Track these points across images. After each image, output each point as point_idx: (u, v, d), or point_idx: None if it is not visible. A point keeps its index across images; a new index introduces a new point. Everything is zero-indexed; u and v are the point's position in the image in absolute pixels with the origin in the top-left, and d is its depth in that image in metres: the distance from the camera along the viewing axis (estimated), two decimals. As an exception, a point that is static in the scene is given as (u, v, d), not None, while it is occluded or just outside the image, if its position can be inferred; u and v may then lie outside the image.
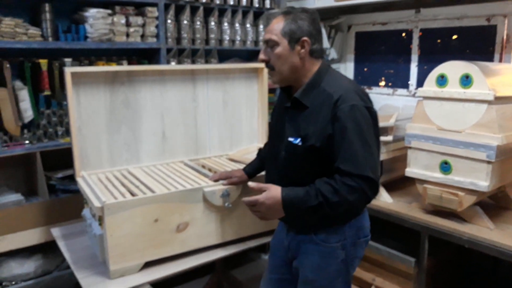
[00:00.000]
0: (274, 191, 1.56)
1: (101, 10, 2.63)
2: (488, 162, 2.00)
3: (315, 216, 1.53)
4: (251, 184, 1.63)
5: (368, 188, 1.48)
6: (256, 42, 3.59)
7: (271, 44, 1.59)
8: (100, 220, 1.83)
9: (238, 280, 3.01)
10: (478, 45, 2.92)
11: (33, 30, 2.45)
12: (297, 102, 1.61)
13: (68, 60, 2.62)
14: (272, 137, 1.79)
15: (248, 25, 3.48)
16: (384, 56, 3.51)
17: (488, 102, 2.00)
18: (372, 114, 1.57)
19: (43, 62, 2.54)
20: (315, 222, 1.62)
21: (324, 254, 1.64)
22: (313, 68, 1.63)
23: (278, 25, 1.58)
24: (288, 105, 1.66)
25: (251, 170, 2.05)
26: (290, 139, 1.61)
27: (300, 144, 1.58)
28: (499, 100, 2.04)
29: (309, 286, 1.70)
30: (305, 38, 1.58)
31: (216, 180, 2.04)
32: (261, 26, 3.58)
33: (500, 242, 1.97)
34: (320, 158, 1.56)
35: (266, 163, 1.86)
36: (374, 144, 1.55)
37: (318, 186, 1.51)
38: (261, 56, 1.64)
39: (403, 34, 3.34)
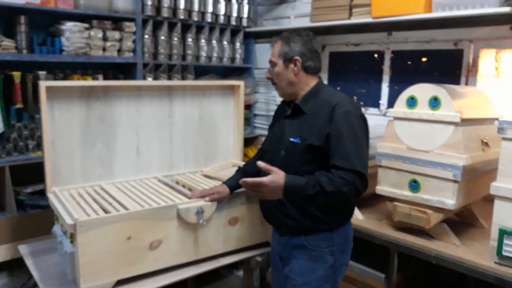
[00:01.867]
0: (278, 176, 1.69)
1: (78, 23, 2.63)
2: (455, 181, 2.08)
3: (310, 202, 1.72)
4: (260, 163, 1.73)
5: (359, 181, 1.67)
6: (232, 59, 3.64)
7: (272, 64, 1.88)
8: (72, 238, 1.80)
9: (210, 297, 2.99)
10: (446, 68, 3.04)
11: (7, 42, 2.43)
12: (298, 108, 1.84)
13: (42, 73, 2.59)
14: (271, 144, 1.97)
15: (225, 42, 3.53)
16: (357, 76, 3.60)
17: (455, 124, 2.09)
18: (364, 121, 1.79)
19: (17, 75, 2.51)
20: (301, 227, 1.79)
21: (314, 258, 1.80)
22: (310, 83, 1.86)
23: (276, 48, 1.86)
24: (288, 114, 1.88)
25: (234, 184, 2.09)
26: (291, 139, 1.81)
27: (299, 142, 1.78)
28: (465, 122, 2.13)
29: None
30: (296, 57, 1.81)
31: (197, 197, 2.05)
32: (237, 44, 3.63)
33: (465, 258, 2.03)
34: (317, 156, 1.75)
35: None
36: (365, 146, 1.76)
37: (317, 177, 1.67)
38: (266, 74, 1.94)
39: (375, 55, 3.45)
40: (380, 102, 3.43)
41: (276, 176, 1.67)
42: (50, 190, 2.12)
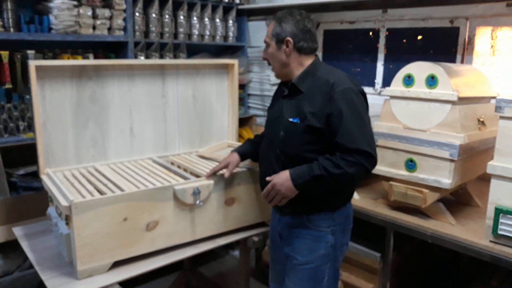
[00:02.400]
0: (282, 173, 1.75)
1: (67, 1, 2.55)
2: (451, 161, 2.08)
3: (321, 185, 1.70)
4: (268, 178, 1.79)
5: (365, 160, 1.65)
6: (225, 37, 3.57)
7: (266, 44, 1.85)
8: (67, 219, 1.77)
9: (206, 278, 3.00)
10: (441, 46, 3.02)
11: (-7, 20, 2.35)
12: (294, 88, 1.80)
13: (31, 52, 2.52)
14: (270, 125, 1.93)
15: (217, 20, 3.46)
16: (351, 55, 3.56)
17: (452, 103, 2.08)
18: (364, 96, 1.77)
19: (4, 54, 2.43)
20: (304, 206, 1.79)
21: (315, 238, 1.81)
22: (305, 63, 1.82)
23: (270, 29, 1.83)
24: (285, 93, 1.84)
25: (243, 150, 2.12)
26: (290, 119, 1.78)
27: (299, 122, 1.74)
28: (462, 100, 2.12)
29: (300, 269, 1.82)
30: (288, 38, 1.77)
31: (213, 174, 2.05)
32: (230, 21, 3.56)
33: (461, 237, 2.05)
34: (318, 136, 1.72)
35: (261, 150, 1.96)
36: (369, 122, 1.73)
37: (320, 161, 1.68)
38: (262, 55, 1.90)
39: (370, 33, 3.41)
40: (375, 81, 3.41)
41: (279, 174, 1.75)
42: (44, 171, 2.09)
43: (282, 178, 1.73)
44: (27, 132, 2.56)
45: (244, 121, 3.73)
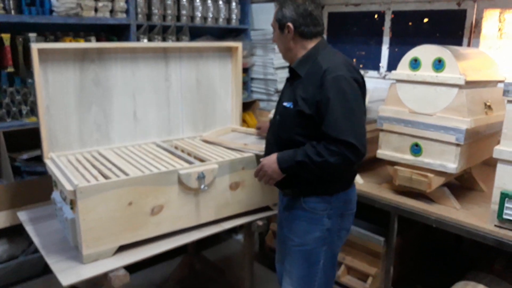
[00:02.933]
0: (272, 155, 1.79)
1: (68, -18, 2.50)
2: (457, 145, 2.07)
3: (305, 171, 1.70)
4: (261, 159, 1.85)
5: (348, 152, 1.61)
6: (228, 20, 3.53)
7: (273, 29, 1.85)
8: (72, 204, 1.77)
9: (210, 261, 3.02)
10: (448, 29, 2.97)
11: (-6, 3, 2.31)
12: (293, 72, 1.79)
13: (32, 35, 2.49)
14: (275, 108, 1.94)
15: (220, 2, 3.41)
16: (356, 38, 3.52)
17: (459, 86, 2.05)
18: (360, 85, 1.71)
19: (6, 37, 2.41)
20: (302, 189, 1.79)
21: (311, 220, 1.80)
22: (307, 46, 1.79)
23: (275, 13, 1.82)
24: (288, 77, 1.85)
25: None
26: (284, 103, 1.78)
27: (291, 107, 1.74)
28: (469, 84, 2.09)
29: (295, 250, 1.84)
30: (288, 23, 1.76)
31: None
32: (233, 3, 3.51)
33: (465, 222, 2.05)
34: (308, 122, 1.70)
35: (268, 131, 2.00)
36: (359, 112, 1.68)
37: (304, 148, 1.68)
38: (272, 39, 1.91)
39: (376, 16, 3.36)
40: (380, 64, 3.37)
41: (268, 156, 1.81)
42: (47, 156, 2.08)
43: (270, 160, 1.78)
44: (30, 116, 2.54)
45: (247, 106, 3.71)
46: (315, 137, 1.68)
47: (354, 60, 3.52)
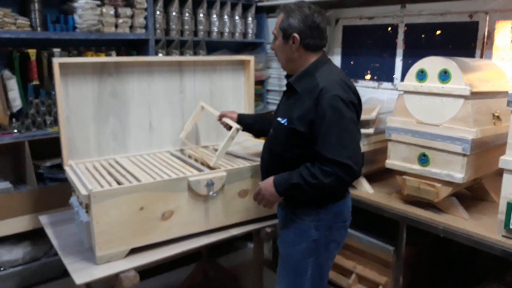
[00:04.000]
0: (269, 179, 1.80)
1: (90, 0, 2.66)
2: (464, 155, 2.08)
3: (301, 194, 1.70)
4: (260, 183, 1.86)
5: (343, 173, 1.61)
6: (244, 34, 3.63)
7: (274, 36, 1.83)
8: (87, 208, 1.88)
9: (224, 268, 3.08)
10: (460, 40, 2.98)
11: (22, 20, 2.48)
12: (291, 86, 1.79)
13: (57, 50, 2.64)
14: (273, 118, 1.96)
15: (237, 17, 3.52)
16: (370, 50, 3.56)
17: (465, 97, 2.07)
18: (355, 107, 1.71)
19: (32, 52, 2.56)
20: (293, 201, 1.80)
21: (298, 231, 1.81)
22: (309, 60, 1.78)
23: (278, 20, 1.79)
24: (285, 90, 1.86)
25: (245, 117, 2.26)
26: (279, 118, 1.79)
27: (286, 124, 1.75)
28: (475, 95, 2.10)
29: (284, 261, 1.86)
30: (294, 34, 1.73)
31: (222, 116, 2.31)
32: (249, 18, 3.62)
33: (473, 232, 2.05)
34: (301, 140, 1.71)
35: (264, 144, 2.01)
36: (355, 133, 1.68)
37: (299, 170, 1.68)
38: (271, 45, 1.88)
39: (389, 29, 3.39)
40: (394, 76, 3.40)
41: (265, 180, 1.81)
42: (67, 163, 2.20)
43: (267, 184, 1.77)
44: (53, 126, 2.69)
45: (263, 117, 3.78)
46: (306, 155, 1.69)
47: (368, 72, 3.56)
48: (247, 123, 2.24)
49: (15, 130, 2.56)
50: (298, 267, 1.82)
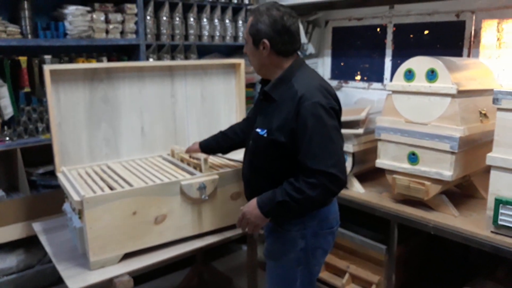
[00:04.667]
0: (251, 201, 1.72)
1: (80, 7, 2.67)
2: (452, 153, 2.11)
3: (288, 211, 1.64)
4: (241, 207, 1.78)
5: (329, 182, 1.55)
6: (235, 38, 3.65)
7: (245, 40, 1.74)
8: (80, 214, 1.89)
9: (218, 271, 3.09)
10: (448, 40, 3.03)
11: (12, 28, 2.48)
12: (267, 95, 1.71)
13: (48, 57, 2.65)
14: (250, 128, 1.86)
15: (227, 21, 3.54)
16: (360, 51, 3.60)
17: (452, 96, 2.11)
18: (336, 113, 1.65)
19: (23, 59, 2.57)
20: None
21: (285, 241, 1.75)
22: (283, 65, 1.70)
23: (248, 24, 1.71)
24: (261, 98, 1.76)
25: (205, 144, 2.22)
26: (258, 130, 1.71)
27: (265, 135, 1.67)
28: (462, 93, 2.14)
29: (272, 272, 1.82)
30: (264, 40, 1.65)
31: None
32: (240, 22, 3.64)
33: (462, 228, 2.08)
34: (283, 151, 1.64)
35: (244, 154, 1.93)
36: (338, 140, 1.62)
37: (284, 186, 1.62)
38: (244, 49, 1.78)
39: (378, 29, 3.43)
40: (384, 76, 3.43)
41: (249, 202, 1.73)
42: (59, 169, 2.21)
43: (251, 207, 1.69)
44: (45, 133, 2.69)
45: (255, 119, 3.80)
46: (289, 166, 1.63)
47: (359, 72, 3.60)
48: (212, 147, 2.19)
49: (7, 138, 2.56)
50: (287, 277, 1.78)
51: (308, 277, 1.80)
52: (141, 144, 2.49)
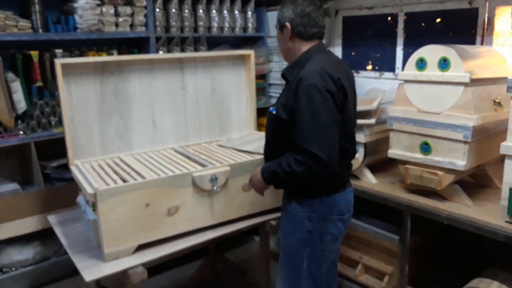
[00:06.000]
0: (259, 167, 1.91)
1: (90, 0, 2.67)
2: (465, 142, 2.09)
3: (280, 181, 1.79)
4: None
5: (313, 163, 1.62)
6: (244, 29, 3.63)
7: (276, 30, 1.91)
8: (94, 206, 1.91)
9: (231, 262, 3.11)
10: (460, 28, 2.97)
11: (23, 22, 2.50)
12: (284, 76, 1.85)
13: (59, 51, 2.66)
14: None
15: (236, 12, 3.52)
16: (371, 40, 3.56)
17: (465, 84, 2.08)
18: (333, 96, 1.68)
19: (34, 54, 2.58)
20: (289, 192, 1.89)
21: (293, 222, 1.86)
22: (302, 49, 1.82)
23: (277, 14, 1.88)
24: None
25: None
26: (271, 108, 1.85)
27: (274, 112, 1.81)
28: (475, 82, 2.11)
29: (283, 252, 1.92)
30: (286, 23, 1.80)
31: None
32: (249, 13, 3.62)
33: (476, 218, 2.06)
34: (285, 128, 1.75)
35: None
36: (328, 122, 1.64)
37: (280, 158, 1.76)
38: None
39: (389, 18, 3.39)
40: (395, 66, 3.39)
41: (258, 167, 1.91)
42: (72, 163, 2.23)
43: (257, 170, 1.89)
44: (58, 127, 2.71)
45: (265, 111, 3.78)
46: (291, 141, 1.71)
47: (370, 62, 3.56)
48: None
49: (21, 132, 2.59)
50: (294, 257, 1.87)
51: (316, 261, 1.85)
52: (153, 136, 2.51)
